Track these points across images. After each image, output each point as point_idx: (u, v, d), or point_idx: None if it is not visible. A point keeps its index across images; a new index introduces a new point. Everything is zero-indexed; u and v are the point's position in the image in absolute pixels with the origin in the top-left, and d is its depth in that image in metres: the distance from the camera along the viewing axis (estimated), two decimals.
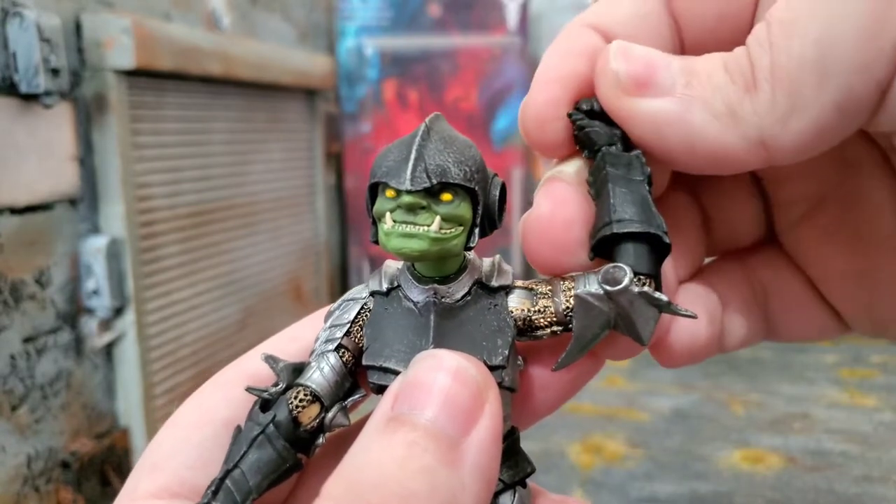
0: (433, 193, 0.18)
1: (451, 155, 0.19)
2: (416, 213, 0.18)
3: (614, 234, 0.19)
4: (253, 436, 0.19)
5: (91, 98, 0.63)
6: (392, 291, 0.20)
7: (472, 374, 0.17)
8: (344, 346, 0.20)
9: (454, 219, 0.19)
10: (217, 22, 0.85)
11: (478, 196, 0.19)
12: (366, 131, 1.13)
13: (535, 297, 0.20)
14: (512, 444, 0.20)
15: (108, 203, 0.64)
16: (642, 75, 0.19)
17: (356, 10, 1.12)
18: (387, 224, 0.19)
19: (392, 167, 0.18)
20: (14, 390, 0.55)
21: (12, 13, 0.54)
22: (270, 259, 0.92)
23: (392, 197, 0.18)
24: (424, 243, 0.18)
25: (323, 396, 0.20)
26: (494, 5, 1.12)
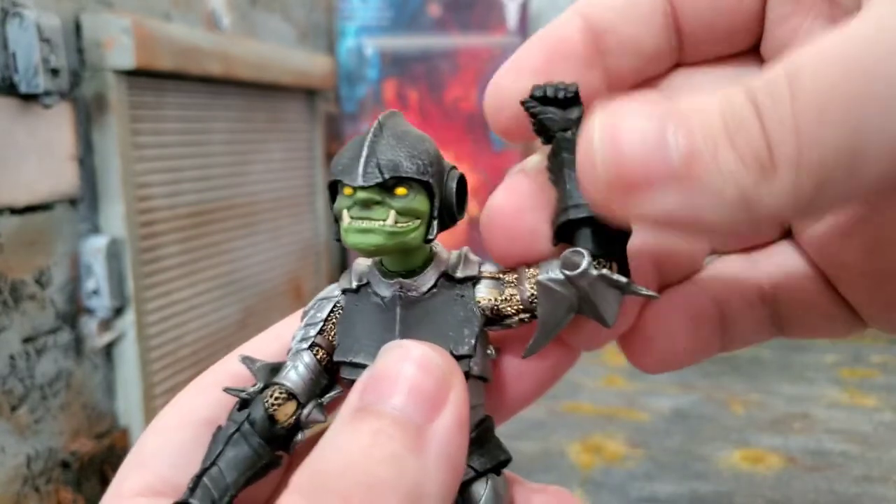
0: (387, 188, 0.19)
1: (403, 150, 0.19)
2: (370, 209, 0.19)
3: (570, 219, 0.19)
4: (229, 434, 0.19)
5: (91, 98, 0.63)
6: (361, 288, 0.21)
7: (437, 363, 0.18)
8: (318, 343, 0.21)
9: (410, 212, 0.19)
10: (217, 22, 0.84)
11: (433, 189, 0.19)
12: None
13: (502, 286, 0.20)
14: (484, 433, 0.20)
15: (108, 203, 0.64)
16: (634, 169, 0.16)
17: (356, 10, 1.12)
18: (344, 221, 0.19)
19: (346, 165, 0.19)
20: (14, 390, 0.55)
21: (12, 13, 0.54)
22: (270, 259, 0.92)
23: (349, 194, 0.19)
24: (380, 237, 0.18)
25: (298, 394, 0.20)
26: (494, 5, 1.12)
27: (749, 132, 0.15)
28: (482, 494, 0.20)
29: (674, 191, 0.16)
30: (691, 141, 0.16)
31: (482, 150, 1.14)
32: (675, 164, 0.16)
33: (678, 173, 0.16)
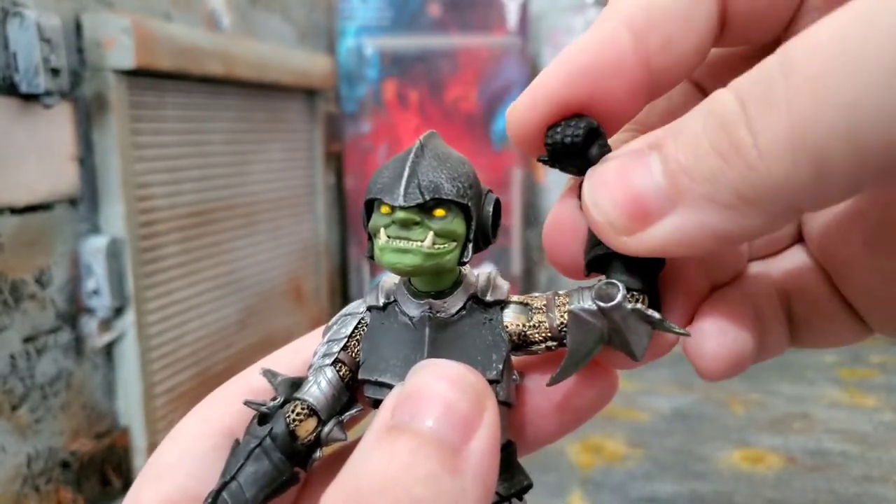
0: (426, 209, 0.18)
1: (444, 171, 0.19)
2: (409, 229, 0.18)
3: (606, 253, 0.19)
4: (250, 448, 0.19)
5: (91, 98, 0.63)
6: (388, 306, 0.21)
7: (472, 382, 0.17)
8: (341, 360, 0.21)
9: (447, 234, 0.19)
10: (217, 22, 0.85)
11: (471, 211, 0.19)
12: (366, 131, 1.13)
13: (531, 312, 0.20)
14: (508, 458, 0.20)
15: (108, 203, 0.64)
16: (631, 212, 0.16)
17: (356, 10, 1.12)
18: (381, 239, 0.19)
19: (386, 184, 0.19)
20: (14, 390, 0.55)
21: (12, 13, 0.54)
22: (270, 259, 0.92)
23: (387, 213, 0.19)
24: (418, 258, 0.18)
25: (320, 410, 0.20)
26: (494, 5, 1.12)
27: (730, 127, 0.15)
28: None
29: (673, 213, 0.16)
30: (672, 157, 0.16)
31: (482, 150, 1.14)
32: (664, 191, 0.16)
33: (670, 198, 0.16)
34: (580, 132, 0.18)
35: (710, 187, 0.15)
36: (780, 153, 0.14)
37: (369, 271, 1.16)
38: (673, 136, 0.16)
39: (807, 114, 0.14)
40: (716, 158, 0.15)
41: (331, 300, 1.11)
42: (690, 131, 0.16)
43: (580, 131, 0.18)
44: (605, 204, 0.17)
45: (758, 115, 0.14)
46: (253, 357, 0.83)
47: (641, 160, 0.16)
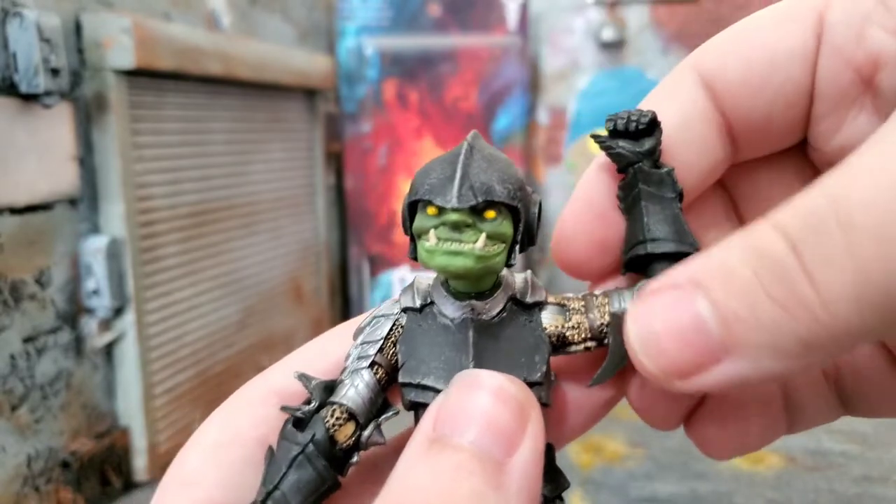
0: (478, 211, 0.18)
1: (495, 173, 0.18)
2: (461, 231, 0.18)
3: (649, 252, 0.19)
4: (292, 456, 0.19)
5: (91, 98, 0.63)
6: (425, 308, 0.20)
7: (514, 394, 0.17)
8: (377, 362, 0.20)
9: (497, 236, 0.19)
10: (217, 22, 0.84)
11: (519, 213, 0.19)
12: (366, 131, 1.13)
13: (568, 314, 0.20)
14: (549, 461, 0.20)
15: (108, 203, 0.64)
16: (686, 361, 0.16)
17: (356, 10, 1.12)
18: (430, 241, 0.18)
19: (436, 185, 0.18)
20: (14, 390, 0.55)
21: (12, 13, 0.54)
22: (270, 259, 0.92)
23: (434, 214, 0.18)
24: (470, 261, 0.18)
25: (358, 414, 0.20)
26: (494, 5, 1.12)
27: (789, 278, 0.14)
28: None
29: (729, 360, 0.15)
30: (722, 303, 0.15)
31: None
32: (717, 338, 0.15)
33: (725, 346, 0.15)
34: (645, 119, 0.19)
35: (771, 337, 0.15)
36: (846, 305, 0.14)
37: (369, 271, 1.16)
38: (718, 277, 0.16)
39: (871, 267, 0.14)
40: (776, 309, 0.15)
41: (331, 300, 1.11)
42: (739, 276, 0.15)
43: (646, 120, 0.19)
44: (655, 354, 0.17)
45: (816, 266, 0.14)
46: (253, 357, 0.83)
47: (687, 302, 0.16)
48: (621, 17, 1.13)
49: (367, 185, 1.14)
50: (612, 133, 0.20)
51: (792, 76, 0.19)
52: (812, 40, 0.19)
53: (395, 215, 1.15)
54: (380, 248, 1.15)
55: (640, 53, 1.14)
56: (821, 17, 0.19)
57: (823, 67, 0.19)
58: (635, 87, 1.15)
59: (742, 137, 0.21)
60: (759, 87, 0.20)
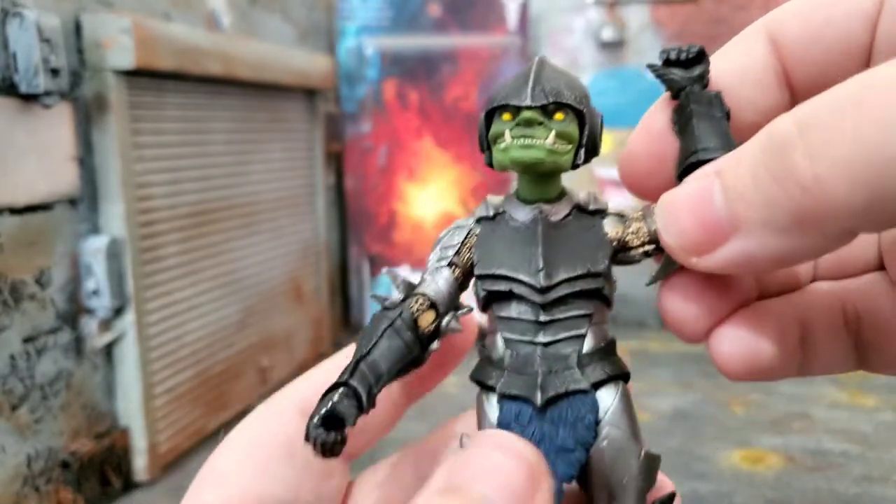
0: (548, 113, 0.21)
1: (563, 80, 0.21)
2: (533, 128, 0.20)
3: (700, 160, 0.21)
4: (384, 327, 0.21)
5: (91, 98, 0.63)
6: (498, 216, 0.23)
7: (528, 456, 0.18)
8: (455, 263, 0.23)
9: (565, 136, 0.21)
10: (217, 22, 0.84)
11: (585, 119, 0.21)
12: (366, 131, 1.13)
13: (628, 221, 0.22)
14: (610, 346, 0.22)
15: (108, 203, 0.64)
16: (699, 237, 0.18)
17: (356, 10, 1.12)
18: (506, 140, 0.21)
19: (512, 91, 0.21)
20: (14, 390, 0.55)
21: (12, 13, 0.54)
22: (270, 259, 0.92)
23: (509, 119, 0.21)
24: (542, 153, 0.20)
25: (438, 304, 0.22)
26: (494, 5, 1.12)
27: (786, 151, 0.15)
28: (612, 401, 0.21)
29: (735, 238, 0.17)
30: (731, 185, 0.17)
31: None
32: (725, 216, 0.17)
33: (732, 223, 0.17)
34: (694, 49, 0.21)
35: (767, 213, 0.16)
36: (837, 179, 0.15)
37: (369, 271, 1.16)
38: (734, 162, 0.17)
39: (871, 140, 0.14)
40: (772, 183, 0.16)
41: (331, 300, 1.11)
42: (749, 157, 0.17)
43: (694, 48, 0.21)
44: (674, 229, 0.18)
45: (817, 140, 0.15)
46: (253, 357, 0.83)
47: (706, 186, 0.18)
48: (621, 17, 1.13)
49: (367, 185, 1.14)
50: (665, 63, 0.22)
51: (850, 31, 0.21)
52: (875, 2, 0.20)
53: (396, 215, 1.15)
54: (380, 248, 1.15)
55: (640, 53, 1.14)
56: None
57: (883, 27, 0.20)
58: (635, 87, 1.15)
59: (801, 89, 0.22)
60: (818, 41, 0.21)
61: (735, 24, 1.07)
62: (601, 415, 0.21)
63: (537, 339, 0.21)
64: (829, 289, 0.24)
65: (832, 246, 0.16)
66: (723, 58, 0.23)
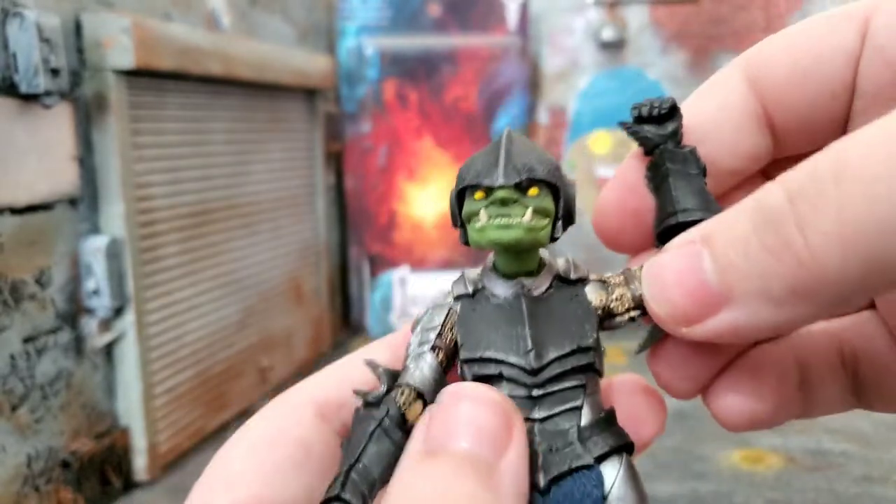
0: (521, 189, 0.20)
1: (533, 155, 0.21)
2: (508, 206, 0.20)
3: (679, 222, 0.21)
4: (370, 430, 0.20)
5: (91, 98, 0.63)
6: (477, 293, 0.22)
7: (498, 400, 0.18)
8: (437, 346, 0.22)
9: (542, 211, 0.21)
10: (217, 22, 0.84)
11: (559, 191, 0.21)
12: (366, 131, 1.13)
13: (610, 287, 0.22)
14: (610, 417, 0.21)
15: (108, 203, 0.64)
16: (689, 308, 0.17)
17: (356, 10, 1.12)
18: (481, 220, 0.20)
19: (483, 169, 0.20)
20: (14, 390, 0.55)
21: (12, 13, 0.54)
22: (270, 259, 0.92)
23: (482, 198, 0.20)
24: (520, 232, 0.20)
25: (425, 394, 0.21)
26: (494, 5, 1.12)
27: (779, 223, 0.15)
28: (616, 474, 0.20)
29: (727, 308, 0.16)
30: (722, 253, 0.16)
31: None
32: (716, 287, 0.17)
33: (723, 294, 0.16)
34: (666, 105, 0.21)
35: (762, 284, 0.16)
36: (830, 251, 0.15)
37: (369, 271, 1.16)
38: (722, 230, 0.17)
39: (858, 216, 0.14)
40: (766, 255, 0.16)
41: (331, 300, 1.11)
42: (740, 227, 0.16)
43: (666, 103, 0.21)
44: (662, 299, 0.18)
45: (807, 213, 0.15)
46: (253, 357, 0.83)
47: (694, 255, 0.17)
48: (621, 17, 1.13)
49: (367, 185, 1.14)
50: (636, 120, 0.22)
51: (833, 71, 0.20)
52: (857, 41, 0.20)
53: (396, 215, 1.15)
54: (380, 248, 1.15)
55: (640, 53, 1.14)
56: (866, 21, 0.20)
57: (865, 66, 0.20)
58: (635, 87, 1.15)
59: (783, 131, 0.22)
60: (802, 81, 0.21)
61: (735, 23, 1.07)
62: (606, 489, 0.20)
63: (533, 414, 0.20)
64: (824, 329, 0.24)
65: (827, 315, 0.16)
66: (700, 101, 0.22)
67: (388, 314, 1.15)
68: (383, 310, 1.15)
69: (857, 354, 0.23)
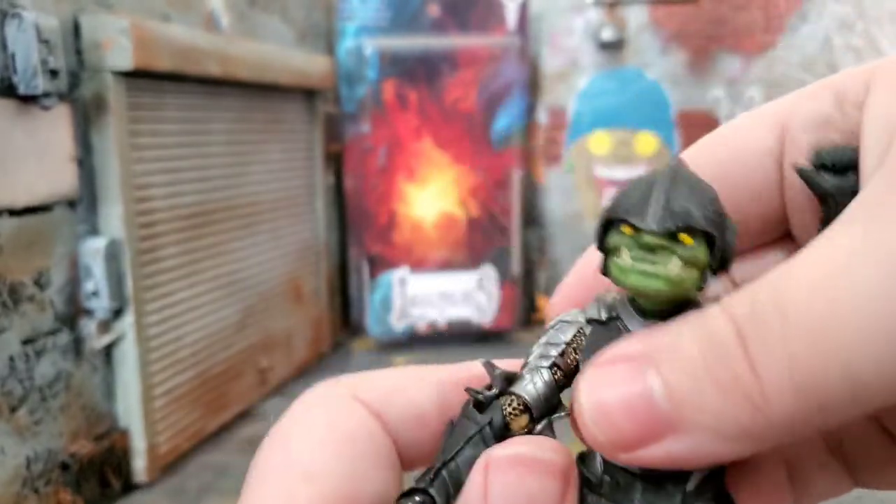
0: (673, 235, 0.18)
1: (695, 198, 0.18)
2: (655, 253, 0.18)
3: None
4: (469, 434, 0.19)
5: (90, 99, 0.63)
6: (610, 321, 0.20)
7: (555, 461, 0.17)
8: (557, 364, 0.22)
9: (692, 262, 0.18)
10: (216, 23, 0.84)
11: (715, 240, 0.18)
12: (365, 131, 1.13)
13: None
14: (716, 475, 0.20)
15: (106, 204, 0.64)
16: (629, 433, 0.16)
17: (355, 11, 1.12)
18: (624, 260, 0.18)
19: (634, 205, 0.18)
20: (13, 392, 0.55)
21: (11, 15, 0.54)
22: (270, 259, 0.92)
23: (629, 234, 0.18)
24: (662, 284, 0.18)
25: (533, 408, 0.20)
26: (494, 5, 1.12)
27: (731, 362, 0.15)
28: None
29: (673, 437, 0.16)
30: (672, 381, 0.16)
31: (481, 151, 1.14)
32: (663, 414, 0.16)
33: (670, 422, 0.16)
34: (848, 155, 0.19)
35: (714, 421, 0.15)
36: (784, 396, 0.15)
37: (369, 272, 1.16)
38: (669, 354, 0.16)
39: (805, 361, 0.14)
40: (718, 392, 0.15)
41: (330, 300, 1.11)
42: (687, 356, 0.16)
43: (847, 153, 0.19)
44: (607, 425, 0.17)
45: (757, 354, 0.15)
46: (253, 357, 0.83)
47: (637, 375, 0.16)
48: (621, 17, 1.13)
49: (367, 186, 1.14)
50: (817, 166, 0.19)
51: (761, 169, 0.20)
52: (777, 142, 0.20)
53: (395, 215, 1.15)
54: (379, 249, 1.15)
55: (639, 53, 1.14)
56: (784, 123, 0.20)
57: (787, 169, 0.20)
58: (635, 87, 1.14)
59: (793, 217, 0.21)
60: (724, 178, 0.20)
61: (735, 23, 1.07)
62: None
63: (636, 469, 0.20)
64: None
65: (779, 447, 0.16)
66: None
67: (388, 315, 1.15)
68: (383, 310, 1.15)
69: (841, 438, 0.23)
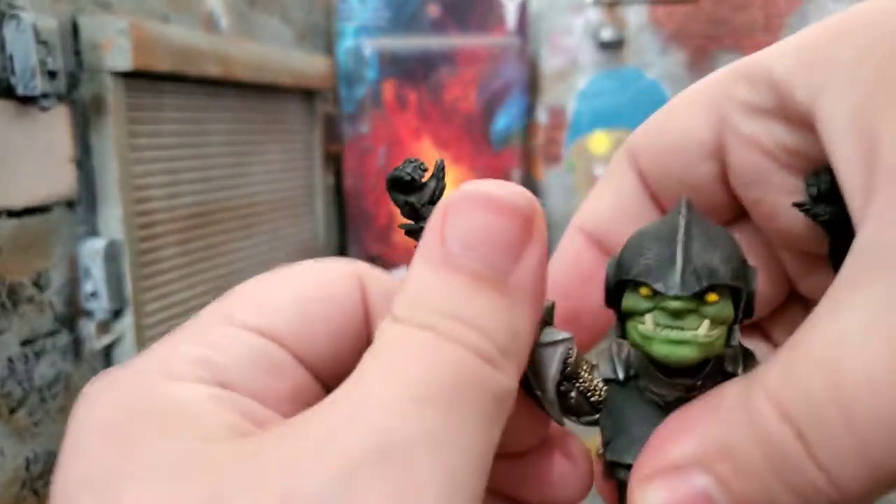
0: (699, 295, 0.17)
1: (717, 252, 0.17)
2: (682, 318, 0.17)
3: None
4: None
5: (88, 100, 0.63)
6: (629, 381, 0.19)
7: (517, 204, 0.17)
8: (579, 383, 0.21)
9: (720, 320, 0.17)
10: (215, 23, 0.84)
11: (741, 293, 0.18)
12: (365, 132, 1.13)
13: None
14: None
15: (106, 205, 0.64)
16: None
17: (355, 11, 1.12)
18: (647, 327, 0.17)
19: (653, 266, 0.17)
20: (12, 393, 0.55)
21: (9, 15, 0.54)
22: (270, 260, 0.92)
23: (648, 296, 0.17)
24: (693, 350, 0.17)
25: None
26: (494, 5, 1.11)
27: (796, 463, 0.15)
28: None
29: None
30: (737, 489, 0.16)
31: (481, 151, 1.14)
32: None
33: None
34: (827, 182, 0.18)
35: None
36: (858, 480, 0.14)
37: None
38: (726, 459, 0.16)
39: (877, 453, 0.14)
40: (789, 495, 0.15)
41: None
42: (749, 460, 0.15)
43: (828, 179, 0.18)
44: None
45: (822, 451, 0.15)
46: None
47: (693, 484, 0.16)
48: (620, 17, 1.13)
49: (367, 186, 1.14)
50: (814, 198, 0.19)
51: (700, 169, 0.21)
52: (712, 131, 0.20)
53: (395, 216, 1.15)
54: (379, 249, 1.15)
55: (639, 53, 1.14)
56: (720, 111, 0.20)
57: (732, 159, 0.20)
58: (634, 87, 1.14)
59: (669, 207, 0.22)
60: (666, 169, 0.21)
61: (735, 23, 1.07)
62: None
63: None
64: None
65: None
66: (598, 199, 0.23)
67: None
68: None
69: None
